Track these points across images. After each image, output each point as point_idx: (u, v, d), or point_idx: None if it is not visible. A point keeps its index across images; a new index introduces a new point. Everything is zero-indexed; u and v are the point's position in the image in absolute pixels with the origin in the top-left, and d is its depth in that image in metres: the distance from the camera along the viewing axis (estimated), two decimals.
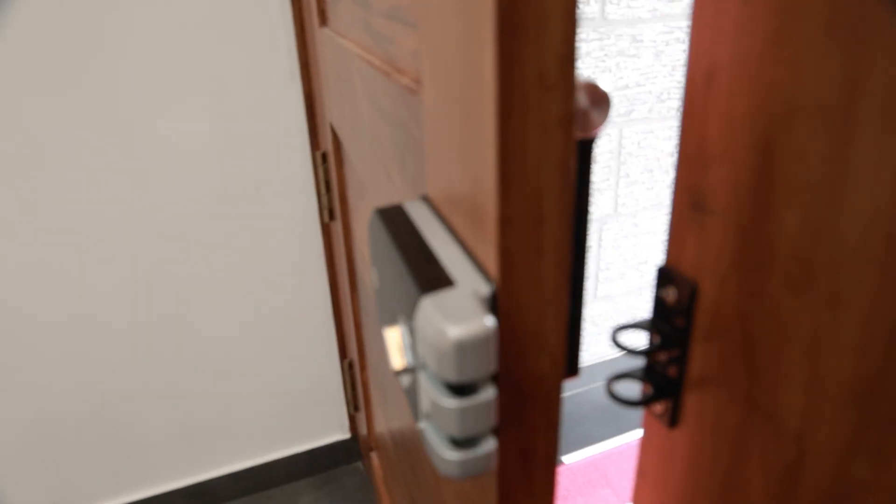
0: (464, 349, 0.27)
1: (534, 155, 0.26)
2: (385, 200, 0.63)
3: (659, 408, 0.35)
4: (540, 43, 0.24)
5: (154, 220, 1.10)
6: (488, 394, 0.29)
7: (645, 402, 0.35)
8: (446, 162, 0.33)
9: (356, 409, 1.38)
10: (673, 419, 0.34)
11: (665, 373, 0.34)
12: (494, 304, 0.29)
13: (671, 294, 0.32)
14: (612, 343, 0.34)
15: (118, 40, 0.97)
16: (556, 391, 0.31)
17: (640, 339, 1.74)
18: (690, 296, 0.31)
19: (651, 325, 0.34)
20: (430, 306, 0.28)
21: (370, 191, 0.75)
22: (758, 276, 0.28)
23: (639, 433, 1.48)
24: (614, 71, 1.37)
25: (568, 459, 1.45)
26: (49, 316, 1.09)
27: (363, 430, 1.33)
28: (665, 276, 0.33)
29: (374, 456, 1.27)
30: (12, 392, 1.12)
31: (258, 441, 1.37)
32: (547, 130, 0.25)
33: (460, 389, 0.29)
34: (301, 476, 1.43)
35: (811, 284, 0.25)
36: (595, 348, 1.69)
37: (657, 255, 1.64)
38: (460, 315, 0.27)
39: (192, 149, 1.08)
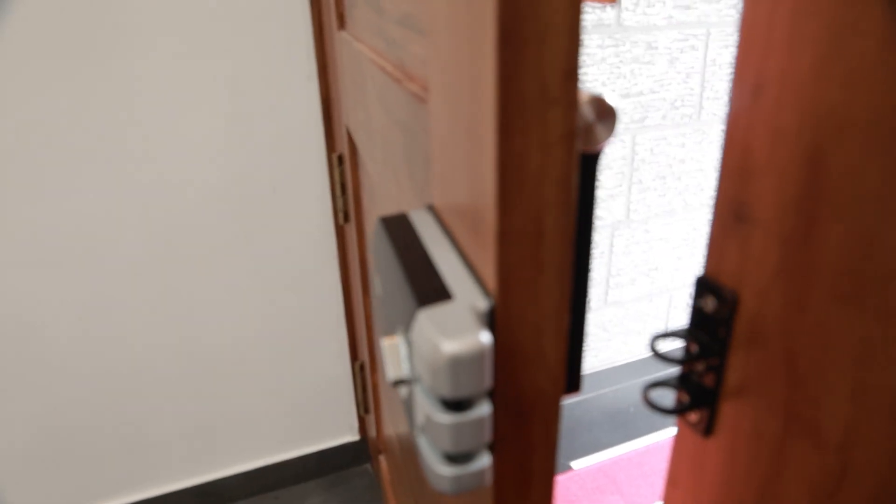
0: (458, 365, 0.26)
1: (535, 170, 0.25)
2: (394, 206, 0.63)
3: (694, 416, 0.35)
4: (542, 57, 0.24)
5: (168, 220, 1.10)
6: (483, 410, 0.29)
7: (680, 410, 0.35)
8: (450, 172, 0.33)
9: (366, 411, 1.39)
10: (708, 428, 0.34)
11: (701, 382, 0.34)
12: (492, 320, 0.28)
13: (710, 303, 0.33)
14: (650, 351, 0.34)
15: (136, 39, 0.98)
16: (555, 408, 0.31)
17: (661, 347, 1.74)
18: (731, 305, 0.31)
19: (688, 334, 0.34)
20: (427, 320, 0.27)
21: (381, 195, 0.76)
22: (803, 287, 0.28)
23: (648, 439, 1.48)
24: (629, 77, 1.37)
25: (577, 465, 1.45)
26: (61, 314, 1.10)
27: (372, 432, 1.33)
28: (704, 286, 0.33)
29: (382, 459, 1.27)
30: (24, 390, 1.12)
31: (268, 441, 1.37)
32: (548, 145, 0.25)
33: (454, 405, 0.29)
34: (310, 477, 1.43)
35: (860, 297, 0.25)
36: (604, 354, 1.69)
37: (668, 262, 1.64)
38: (456, 330, 0.27)
39: (208, 148, 1.08)
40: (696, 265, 1.69)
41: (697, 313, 0.34)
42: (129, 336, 1.16)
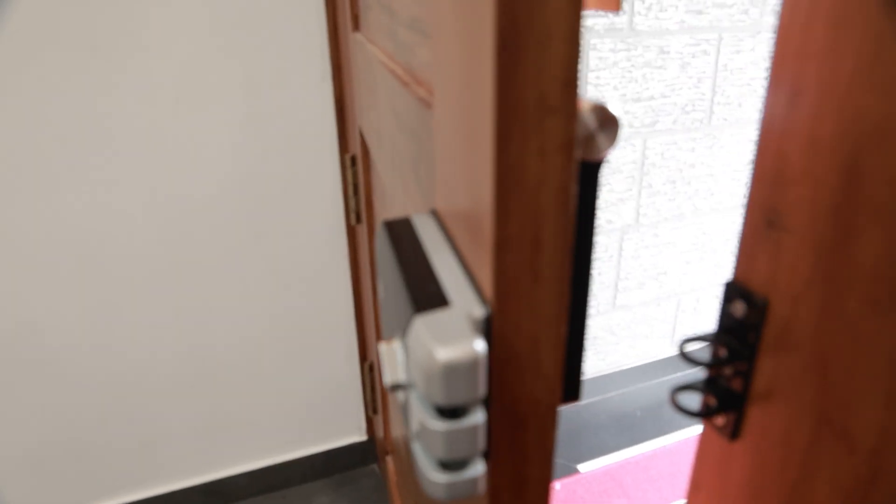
0: (451, 372, 0.26)
1: (533, 178, 0.25)
2: (402, 209, 0.63)
3: (720, 420, 0.35)
4: (541, 66, 0.23)
5: (180, 219, 1.11)
6: (477, 418, 0.29)
7: (707, 413, 0.35)
8: (451, 178, 0.33)
9: (374, 411, 1.39)
10: (735, 432, 0.35)
11: (729, 385, 0.34)
12: (489, 328, 0.28)
13: (739, 308, 0.33)
14: (679, 354, 0.34)
15: (151, 38, 0.98)
16: (551, 417, 0.31)
17: (656, 351, 1.74)
18: (761, 311, 0.32)
19: (716, 338, 0.34)
20: (422, 326, 0.28)
21: (391, 198, 0.76)
22: (836, 293, 0.28)
23: (655, 443, 1.48)
24: (640, 81, 1.38)
25: (584, 468, 1.45)
26: (70, 313, 1.10)
27: (380, 433, 1.33)
28: (734, 291, 0.33)
29: (389, 460, 1.28)
30: (32, 388, 1.13)
31: (276, 441, 1.37)
32: (547, 154, 0.25)
33: (448, 412, 0.29)
34: (317, 477, 1.43)
35: (895, 304, 0.25)
36: (612, 357, 1.69)
37: (676, 266, 1.64)
38: (451, 337, 0.27)
39: (221, 148, 1.09)
40: (704, 270, 1.68)
41: (726, 318, 0.34)
42: (137, 334, 1.16)
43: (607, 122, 0.27)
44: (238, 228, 1.15)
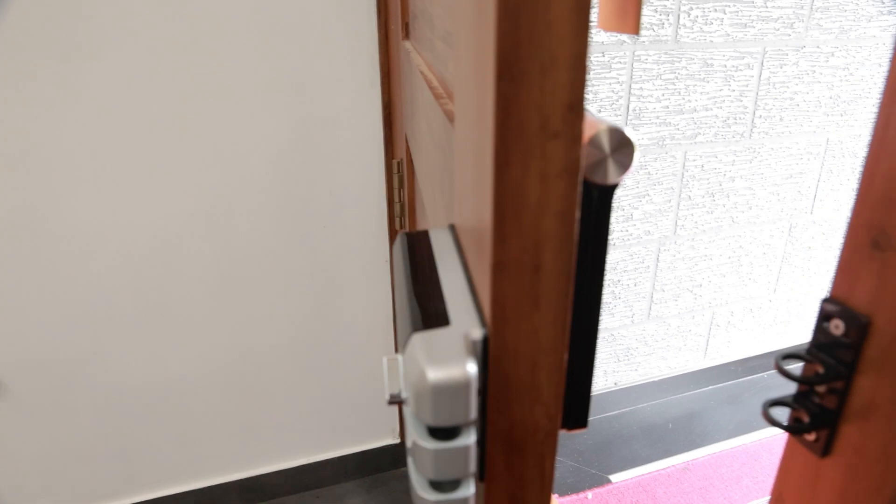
0: (440, 393, 0.26)
1: (534, 203, 0.25)
2: (432, 219, 0.63)
3: (811, 436, 0.36)
4: (543, 91, 0.23)
5: (227, 220, 1.13)
6: (467, 440, 0.28)
7: (799, 429, 0.36)
8: (464, 195, 0.33)
9: None
10: (826, 448, 0.35)
11: (821, 402, 0.35)
12: (486, 350, 0.28)
13: (837, 326, 0.33)
14: (776, 370, 0.35)
15: (205, 43, 1.01)
16: (550, 443, 0.31)
17: (689, 363, 1.73)
18: (862, 329, 0.32)
19: (811, 355, 0.35)
20: (418, 344, 0.27)
21: (426, 206, 0.77)
22: None
23: (687, 456, 1.47)
24: (683, 93, 1.38)
25: (616, 479, 1.45)
26: (117, 313, 1.13)
27: None
28: (832, 309, 0.34)
29: None
30: (79, 385, 1.16)
31: (311, 440, 1.39)
32: (549, 179, 0.25)
33: (439, 432, 0.28)
34: (350, 478, 1.44)
35: None
36: (644, 368, 1.68)
37: (712, 279, 1.63)
38: (443, 358, 0.27)
39: (269, 151, 1.11)
40: (740, 283, 1.67)
41: (822, 335, 0.34)
42: (182, 334, 1.19)
43: (622, 146, 0.26)
44: (282, 229, 1.17)
